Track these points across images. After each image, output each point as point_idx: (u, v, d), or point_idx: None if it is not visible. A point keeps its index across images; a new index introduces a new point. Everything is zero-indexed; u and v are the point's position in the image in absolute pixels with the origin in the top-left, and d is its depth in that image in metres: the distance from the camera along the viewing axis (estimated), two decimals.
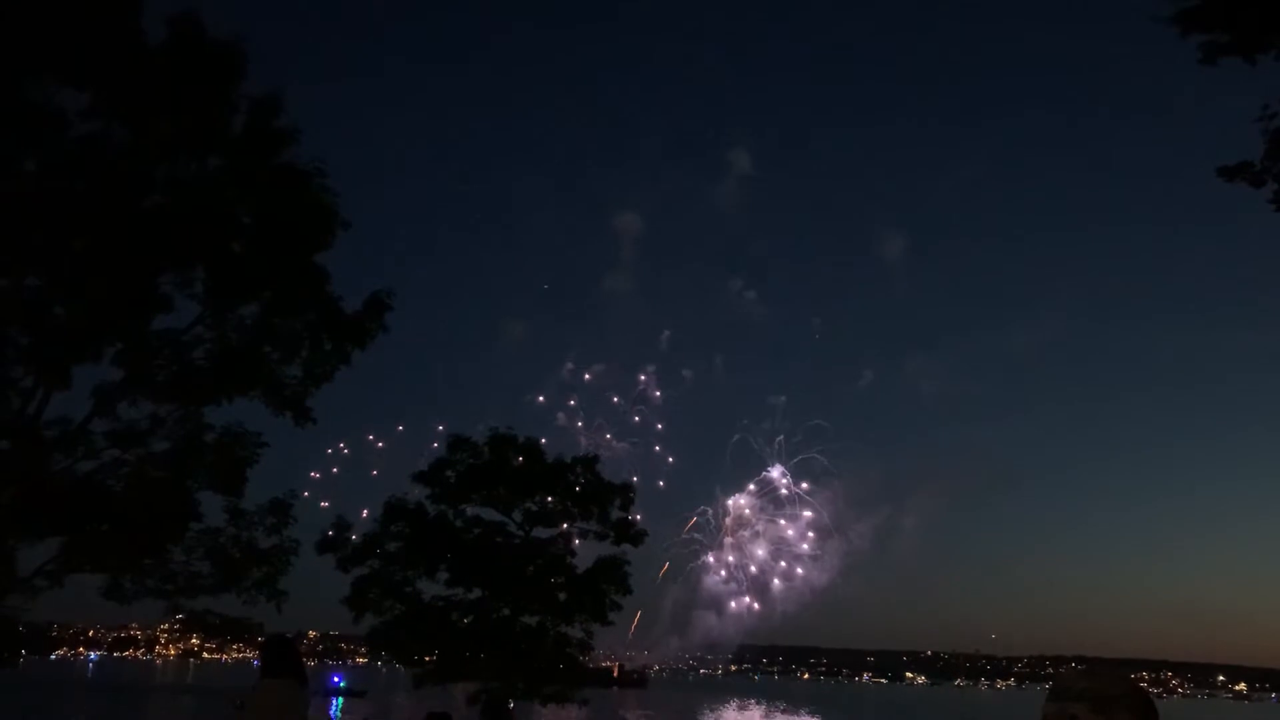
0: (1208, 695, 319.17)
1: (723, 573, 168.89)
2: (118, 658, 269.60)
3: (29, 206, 14.16)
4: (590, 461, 32.64)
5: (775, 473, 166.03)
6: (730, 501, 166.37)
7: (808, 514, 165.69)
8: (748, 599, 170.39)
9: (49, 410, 15.51)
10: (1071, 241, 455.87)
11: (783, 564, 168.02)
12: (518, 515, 30.77)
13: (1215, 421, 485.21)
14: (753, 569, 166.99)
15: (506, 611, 30.17)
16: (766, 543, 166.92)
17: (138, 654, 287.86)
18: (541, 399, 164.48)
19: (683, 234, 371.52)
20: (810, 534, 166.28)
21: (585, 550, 32.29)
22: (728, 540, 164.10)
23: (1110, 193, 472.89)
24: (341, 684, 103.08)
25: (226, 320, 16.47)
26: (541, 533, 31.03)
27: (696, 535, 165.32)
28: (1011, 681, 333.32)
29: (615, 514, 31.24)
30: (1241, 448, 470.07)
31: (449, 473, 30.48)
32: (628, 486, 32.75)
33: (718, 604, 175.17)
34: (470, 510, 30.90)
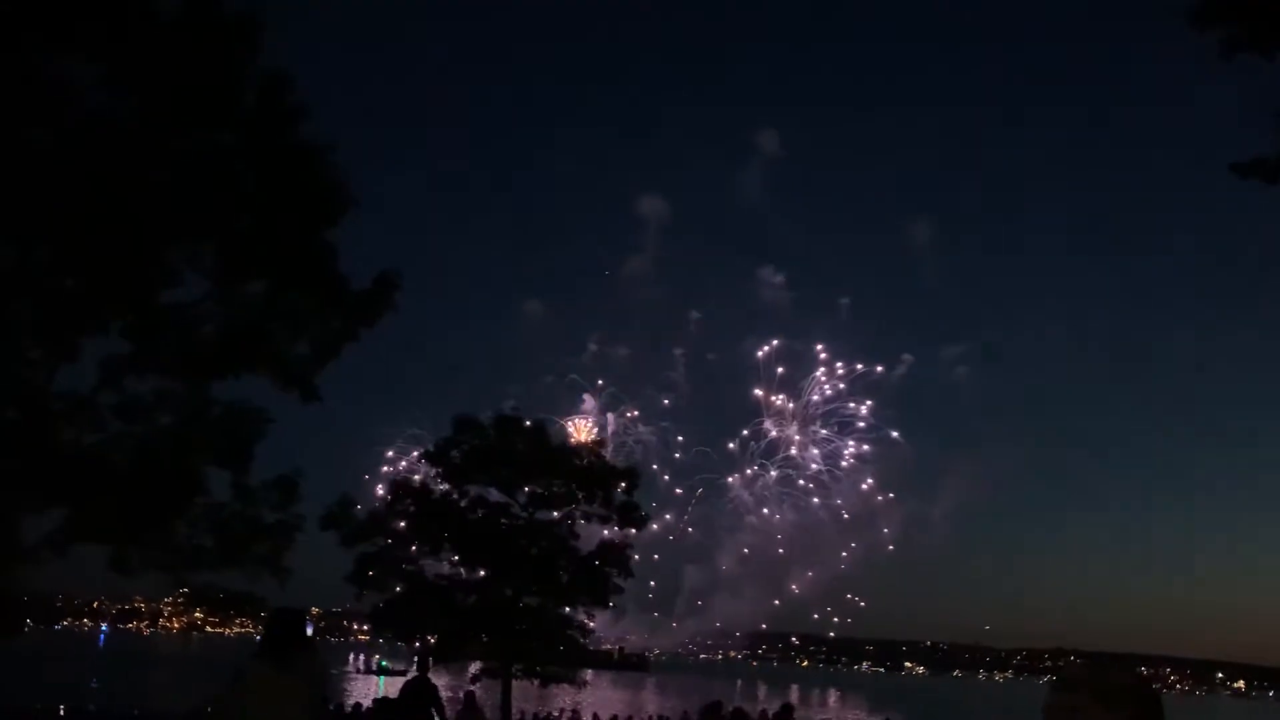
0: (1206, 692, 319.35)
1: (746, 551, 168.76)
2: (121, 630, 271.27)
3: (38, 178, 14.16)
4: (595, 445, 32.75)
5: (805, 458, 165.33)
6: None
7: (836, 500, 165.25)
8: (765, 580, 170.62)
9: (56, 382, 15.59)
10: (1098, 235, 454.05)
11: (804, 548, 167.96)
12: (522, 497, 30.86)
13: (1218, 419, 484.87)
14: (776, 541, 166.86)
15: (509, 592, 30.31)
16: (790, 528, 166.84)
17: (141, 627, 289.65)
18: (562, 379, 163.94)
19: (709, 217, 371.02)
20: (838, 518, 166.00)
21: (588, 533, 32.48)
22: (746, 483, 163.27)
23: (1143, 187, 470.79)
24: (383, 663, 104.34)
25: (234, 296, 16.49)
26: (545, 515, 31.14)
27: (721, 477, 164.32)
28: (1009, 673, 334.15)
29: (619, 497, 31.31)
30: (1245, 445, 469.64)
31: (454, 453, 30.57)
32: (632, 470, 32.87)
33: (734, 588, 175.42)
34: (475, 491, 31.02)
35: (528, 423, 31.92)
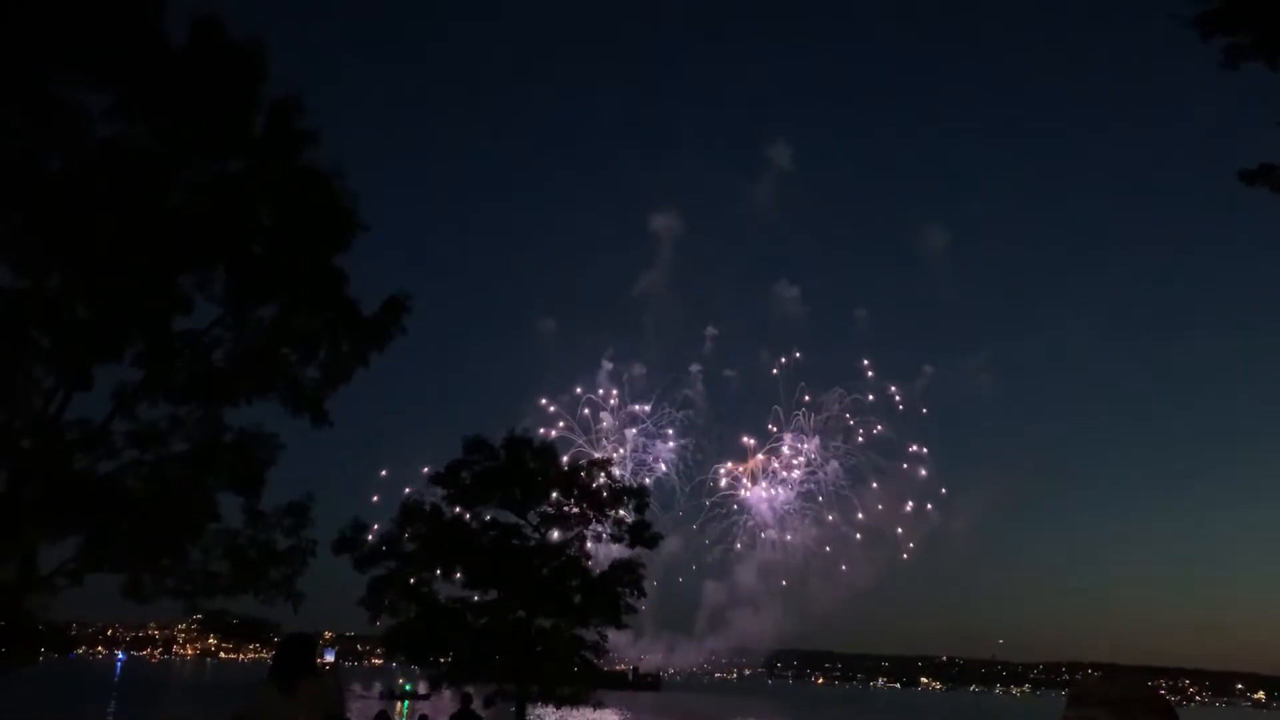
0: (1226, 704, 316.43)
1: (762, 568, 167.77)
2: (136, 657, 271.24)
3: (52, 206, 14.27)
4: (605, 464, 32.68)
5: (825, 471, 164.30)
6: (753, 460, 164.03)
7: (855, 515, 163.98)
8: (783, 596, 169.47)
9: (70, 410, 15.65)
10: (1112, 245, 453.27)
11: (823, 564, 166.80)
12: (533, 517, 30.78)
13: (1235, 430, 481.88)
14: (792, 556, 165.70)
15: (521, 613, 30.18)
16: (810, 541, 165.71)
17: (155, 653, 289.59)
18: (578, 398, 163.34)
19: (722, 232, 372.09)
20: (857, 533, 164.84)
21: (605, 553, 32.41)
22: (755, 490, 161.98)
23: (1161, 198, 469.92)
24: (407, 686, 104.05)
25: (246, 321, 16.57)
26: (557, 535, 31.05)
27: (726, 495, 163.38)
28: (1026, 688, 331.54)
29: (631, 517, 31.20)
30: (1261, 456, 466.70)
31: (464, 474, 30.52)
32: (642, 489, 32.76)
33: (753, 604, 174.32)
34: (486, 512, 30.94)
35: (537, 443, 31.95)
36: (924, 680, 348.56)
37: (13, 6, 13.91)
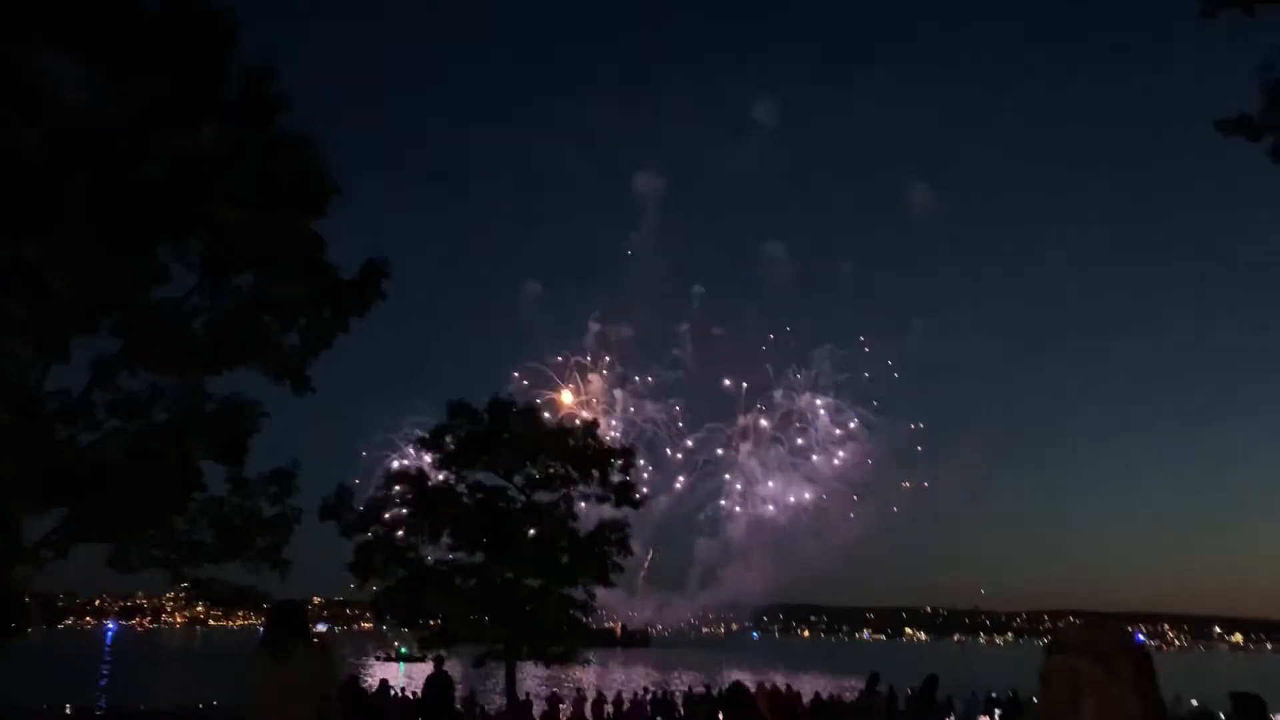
0: (1205, 647, 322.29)
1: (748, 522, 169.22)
2: (125, 626, 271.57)
3: (26, 178, 14.07)
4: (590, 426, 32.75)
5: (814, 427, 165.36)
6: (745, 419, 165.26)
7: (841, 470, 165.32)
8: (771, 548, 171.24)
9: (49, 382, 15.56)
10: (1094, 201, 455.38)
11: (812, 519, 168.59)
12: (519, 480, 30.88)
13: (1215, 379, 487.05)
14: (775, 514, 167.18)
15: (509, 575, 30.37)
16: (797, 498, 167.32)
17: (144, 622, 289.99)
18: (566, 361, 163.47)
19: (707, 191, 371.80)
20: (843, 487, 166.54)
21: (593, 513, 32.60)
22: (743, 451, 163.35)
23: (1143, 150, 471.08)
24: (403, 650, 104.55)
25: (224, 290, 16.44)
26: (543, 497, 31.18)
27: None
28: (1009, 636, 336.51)
29: (616, 477, 31.35)
30: (1240, 403, 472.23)
31: (448, 438, 30.56)
32: (627, 450, 32.87)
33: (744, 560, 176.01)
34: (471, 475, 31.03)
35: (518, 406, 31.98)
36: (908, 631, 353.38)
37: None
